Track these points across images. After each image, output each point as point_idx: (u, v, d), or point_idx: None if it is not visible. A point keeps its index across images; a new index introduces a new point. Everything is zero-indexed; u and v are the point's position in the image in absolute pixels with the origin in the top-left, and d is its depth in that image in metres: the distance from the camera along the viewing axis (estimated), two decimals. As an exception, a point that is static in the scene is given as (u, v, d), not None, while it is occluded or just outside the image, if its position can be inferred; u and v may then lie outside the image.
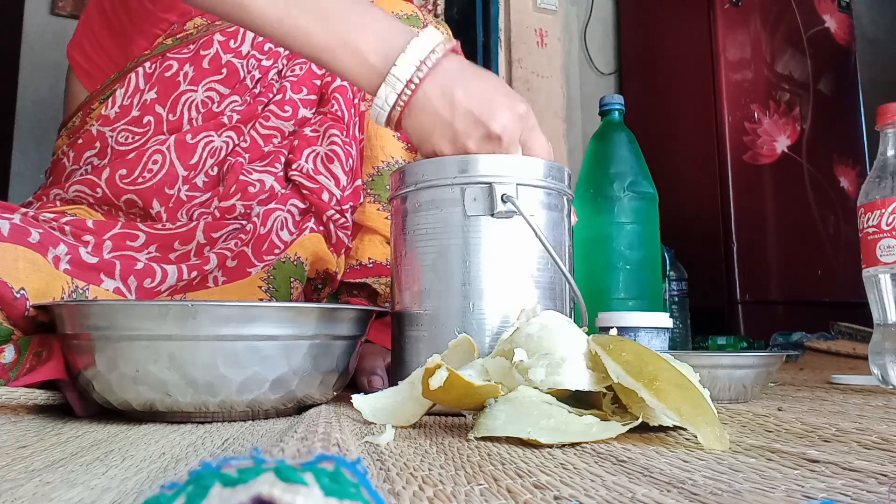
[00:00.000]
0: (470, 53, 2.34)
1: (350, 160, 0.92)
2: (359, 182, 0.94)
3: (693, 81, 2.15)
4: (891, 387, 0.74)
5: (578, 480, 0.31)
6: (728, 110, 2.02)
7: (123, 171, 0.81)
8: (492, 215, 0.57)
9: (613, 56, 2.63)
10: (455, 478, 0.31)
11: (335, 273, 0.87)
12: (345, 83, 0.94)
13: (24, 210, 0.72)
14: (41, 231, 0.65)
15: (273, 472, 0.18)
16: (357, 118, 0.95)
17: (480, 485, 0.30)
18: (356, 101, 0.96)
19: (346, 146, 0.91)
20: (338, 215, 0.89)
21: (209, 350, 0.51)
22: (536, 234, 0.57)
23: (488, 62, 2.31)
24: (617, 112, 1.07)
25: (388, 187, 0.94)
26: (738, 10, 2.08)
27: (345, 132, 0.91)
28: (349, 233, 0.92)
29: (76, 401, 0.59)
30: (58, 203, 0.82)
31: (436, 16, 2.30)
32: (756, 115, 2.04)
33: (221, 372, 0.51)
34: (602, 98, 1.09)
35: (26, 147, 1.91)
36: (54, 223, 0.73)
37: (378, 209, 0.94)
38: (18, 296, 0.59)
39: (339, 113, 0.92)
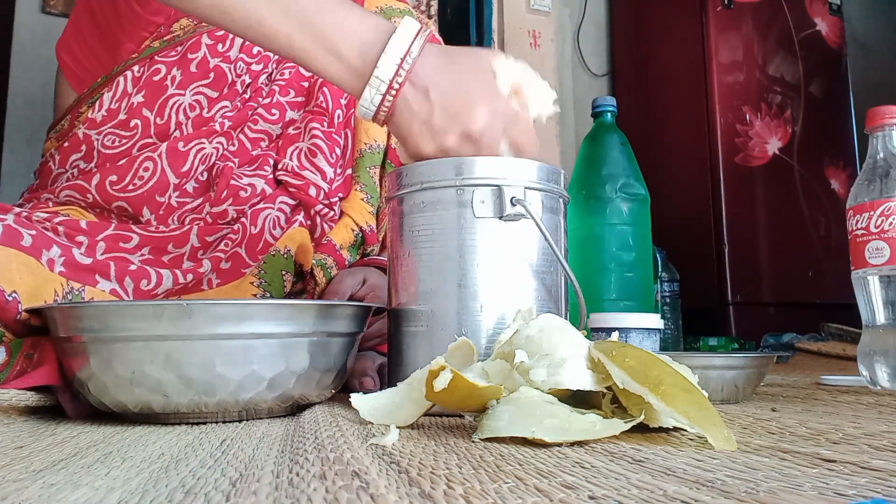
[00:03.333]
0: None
1: (337, 150, 0.91)
2: (349, 172, 0.93)
3: (685, 83, 2.16)
4: (878, 387, 0.75)
5: (604, 480, 0.31)
6: (720, 112, 2.03)
7: (114, 178, 0.81)
8: (500, 218, 0.58)
9: (606, 58, 2.64)
10: (477, 476, 0.31)
11: (308, 272, 0.86)
12: None
13: (17, 210, 0.72)
14: (34, 233, 0.64)
15: None
16: (346, 109, 0.94)
17: (507, 483, 0.30)
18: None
19: (330, 137, 0.90)
20: (326, 209, 0.88)
21: (206, 349, 0.51)
22: (546, 237, 0.57)
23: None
24: (609, 114, 1.08)
25: (367, 169, 0.94)
26: (731, 12, 2.10)
27: (327, 123, 0.90)
28: (335, 225, 0.91)
29: (68, 403, 0.59)
30: (50, 205, 0.82)
31: (429, 17, 2.30)
32: (748, 117, 2.05)
33: (218, 371, 0.51)
34: (594, 100, 1.10)
35: (17, 146, 1.90)
36: (47, 223, 0.73)
37: (362, 199, 0.92)
38: (10, 298, 0.58)
39: (325, 105, 0.91)
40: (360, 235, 0.90)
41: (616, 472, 0.32)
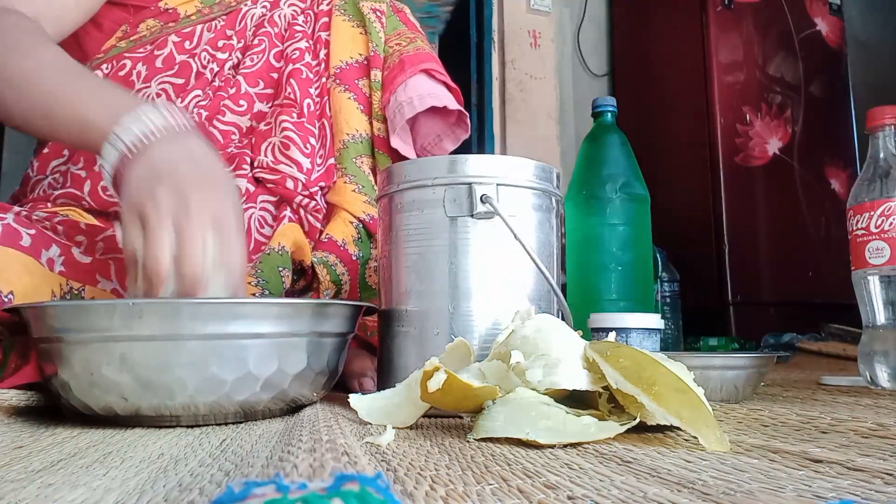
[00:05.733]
0: (463, 55, 2.35)
1: (311, 139, 0.89)
2: (331, 161, 0.93)
3: (685, 83, 2.16)
4: (879, 387, 0.75)
5: (587, 480, 0.31)
6: (720, 112, 2.03)
7: (105, 183, 0.81)
8: (471, 216, 0.58)
9: (606, 58, 2.64)
10: (463, 477, 0.32)
11: (309, 267, 0.85)
12: (299, 66, 0.92)
13: (17, 209, 0.72)
14: (33, 232, 0.64)
15: (301, 502, 0.18)
16: (319, 98, 0.93)
17: (491, 484, 0.30)
18: (322, 80, 0.94)
19: (302, 127, 0.89)
20: (307, 199, 0.87)
21: (162, 350, 0.49)
22: (514, 234, 0.57)
23: (482, 63, 2.31)
24: (609, 114, 1.08)
25: (353, 160, 0.93)
26: (731, 12, 2.10)
27: (296, 114, 0.89)
28: (321, 217, 0.90)
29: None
30: (48, 205, 0.82)
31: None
32: (748, 117, 2.05)
33: (177, 374, 0.49)
34: (594, 100, 1.10)
35: (17, 146, 1.90)
36: (47, 223, 0.73)
37: (353, 190, 0.91)
38: (7, 300, 0.58)
39: (293, 96, 0.90)
40: (362, 227, 0.89)
41: (602, 474, 0.32)
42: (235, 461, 0.36)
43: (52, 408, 0.60)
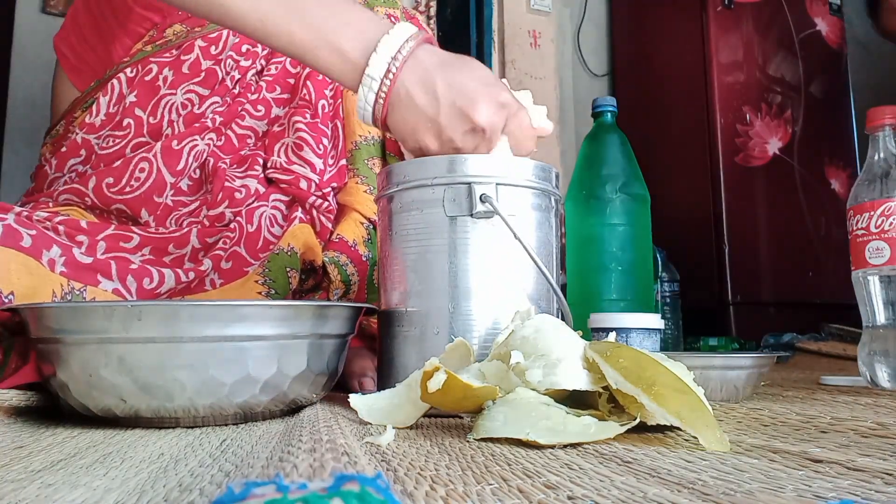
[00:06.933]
0: (464, 54, 2.34)
1: (324, 140, 0.90)
2: (343, 162, 0.93)
3: (685, 83, 2.16)
4: (879, 387, 0.75)
5: (587, 480, 0.31)
6: (720, 112, 2.03)
7: (110, 180, 0.81)
8: (471, 215, 0.58)
9: (606, 58, 2.64)
10: (463, 478, 0.32)
11: (320, 267, 0.86)
12: None
13: (17, 210, 0.72)
14: (34, 233, 0.64)
15: (301, 502, 0.18)
16: (333, 100, 0.94)
17: (491, 484, 0.30)
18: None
19: (315, 128, 0.89)
20: (320, 200, 0.87)
21: (160, 352, 0.49)
22: (514, 234, 0.57)
23: (482, 63, 2.31)
24: (609, 114, 1.08)
25: (365, 161, 0.93)
26: (731, 12, 2.10)
27: (310, 115, 0.90)
28: (332, 217, 0.90)
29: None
30: (50, 205, 0.82)
31: (429, 17, 2.30)
32: (748, 117, 2.05)
33: (175, 376, 0.49)
34: (595, 100, 1.10)
35: (17, 146, 1.90)
36: (48, 223, 0.73)
37: (365, 191, 0.91)
38: (7, 300, 0.59)
39: (308, 97, 0.91)
40: (372, 228, 0.90)
41: (602, 474, 0.32)
42: (235, 461, 0.36)
43: (52, 408, 0.60)
